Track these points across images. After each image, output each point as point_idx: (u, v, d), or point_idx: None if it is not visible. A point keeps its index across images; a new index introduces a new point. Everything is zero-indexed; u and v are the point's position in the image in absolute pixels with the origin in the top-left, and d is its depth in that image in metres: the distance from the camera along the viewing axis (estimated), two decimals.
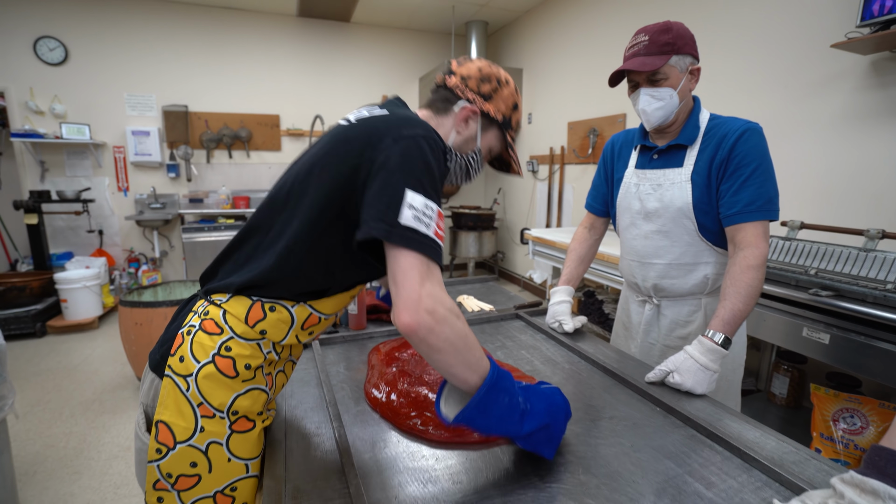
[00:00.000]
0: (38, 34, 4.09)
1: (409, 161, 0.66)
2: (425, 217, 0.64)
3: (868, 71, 1.91)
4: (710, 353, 0.96)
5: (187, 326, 0.74)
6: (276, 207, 0.76)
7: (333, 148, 0.73)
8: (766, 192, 1.04)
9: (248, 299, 0.74)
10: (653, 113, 1.11)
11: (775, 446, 0.78)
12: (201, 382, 0.70)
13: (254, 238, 0.77)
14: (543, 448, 0.72)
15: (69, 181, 4.37)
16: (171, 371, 0.71)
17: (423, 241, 0.63)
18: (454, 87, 0.84)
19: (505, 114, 0.87)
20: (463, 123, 0.85)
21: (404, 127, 0.69)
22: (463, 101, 0.83)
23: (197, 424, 0.70)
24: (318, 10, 4.69)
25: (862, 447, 1.61)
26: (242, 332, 0.73)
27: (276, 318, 0.75)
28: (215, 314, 0.73)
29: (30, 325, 3.51)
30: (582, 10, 3.79)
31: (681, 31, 1.05)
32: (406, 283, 0.61)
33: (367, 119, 0.75)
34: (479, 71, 0.85)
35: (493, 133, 0.88)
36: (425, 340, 0.60)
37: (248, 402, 0.74)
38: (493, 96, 0.85)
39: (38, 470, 2.03)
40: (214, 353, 0.71)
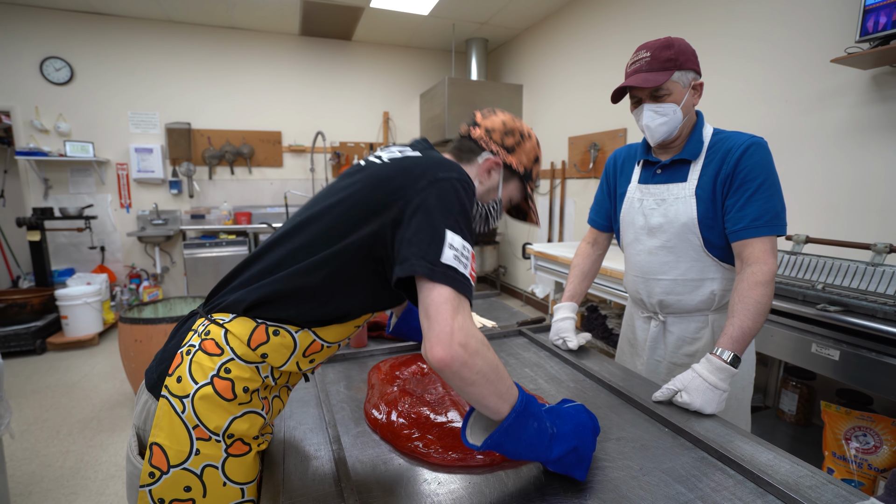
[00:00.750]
0: (45, 55, 4.16)
1: (447, 202, 0.68)
2: (463, 258, 0.66)
3: (869, 85, 1.92)
4: (719, 372, 0.94)
5: (187, 346, 0.72)
6: (300, 232, 0.76)
7: (368, 186, 0.74)
8: (772, 206, 1.03)
9: (252, 321, 0.73)
10: (657, 129, 1.10)
11: (790, 469, 0.76)
12: (198, 404, 0.68)
13: (269, 258, 0.76)
14: (575, 470, 0.71)
15: (72, 198, 4.39)
16: (168, 392, 0.69)
17: (460, 280, 0.65)
18: (479, 139, 0.88)
19: (527, 166, 0.91)
20: (486, 174, 0.88)
21: (440, 169, 0.72)
22: (487, 153, 0.87)
23: (192, 447, 0.68)
24: (320, 29, 4.77)
25: (876, 467, 1.56)
26: (243, 354, 0.71)
27: (278, 343, 0.73)
28: (216, 334, 0.72)
29: (30, 341, 3.49)
30: (581, 26, 3.84)
31: (682, 47, 1.06)
32: (439, 317, 0.61)
33: (401, 160, 0.77)
34: (503, 124, 0.89)
35: (514, 184, 0.92)
36: (458, 374, 0.61)
37: (245, 426, 0.72)
38: (516, 149, 0.89)
39: (34, 490, 2.00)
40: (213, 375, 0.70)
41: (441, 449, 0.80)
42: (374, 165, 0.78)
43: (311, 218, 0.77)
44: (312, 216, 0.77)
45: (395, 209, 0.69)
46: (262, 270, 0.75)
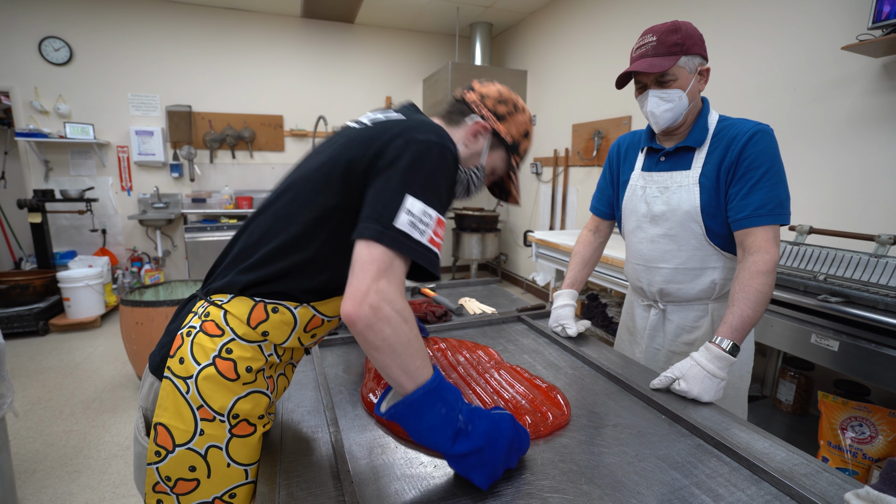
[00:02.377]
0: (44, 34, 4.11)
1: (415, 165, 0.66)
2: (421, 224, 0.64)
3: (880, 74, 1.89)
4: (718, 361, 0.94)
5: (187, 328, 0.73)
6: (284, 205, 0.75)
7: (345, 147, 0.73)
8: (776, 195, 1.01)
9: (250, 300, 0.72)
10: (661, 115, 1.09)
11: (785, 457, 0.76)
12: (201, 384, 0.69)
13: (257, 235, 0.76)
14: (474, 473, 0.66)
15: (73, 180, 4.38)
16: (171, 373, 0.70)
17: (411, 246, 0.63)
18: (471, 103, 0.88)
19: (515, 138, 0.89)
20: (472, 137, 0.87)
21: (418, 131, 0.70)
22: (476, 116, 0.86)
23: (196, 427, 0.69)
24: (323, 11, 4.69)
25: (870, 457, 1.58)
26: (244, 334, 0.72)
27: (278, 320, 0.73)
28: (216, 315, 0.72)
29: (32, 323, 3.51)
30: (587, 11, 3.77)
31: (689, 31, 1.03)
32: (360, 275, 0.61)
33: (383, 122, 0.76)
34: (498, 93, 0.88)
35: (500, 154, 0.90)
36: (362, 334, 0.60)
37: (250, 406, 0.72)
38: (507, 119, 0.87)
39: (38, 468, 2.03)
40: (215, 356, 0.70)
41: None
42: (355, 129, 0.77)
43: (293, 183, 0.76)
44: (294, 181, 0.76)
45: (370, 167, 0.69)
46: (250, 245, 0.75)
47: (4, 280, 3.53)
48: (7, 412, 1.49)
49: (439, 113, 0.90)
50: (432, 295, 1.66)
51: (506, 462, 0.68)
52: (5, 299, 3.49)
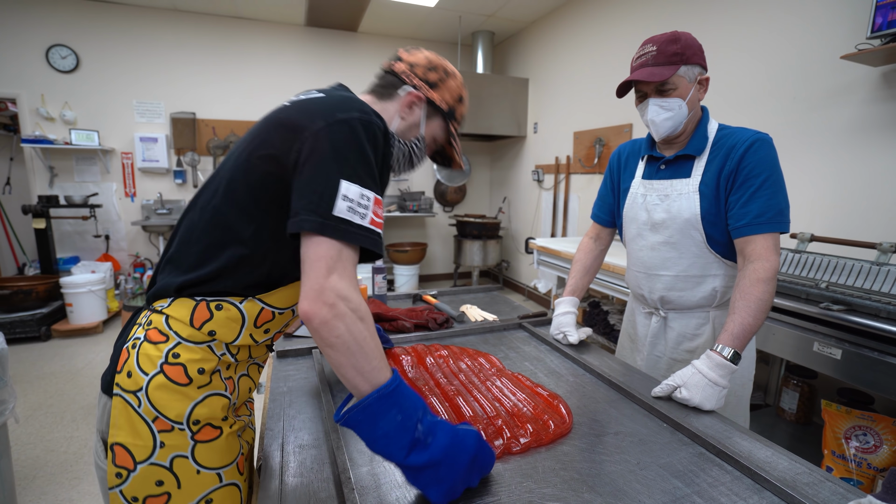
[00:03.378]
0: (51, 42, 4.16)
1: (343, 148, 0.64)
2: (361, 207, 0.63)
3: (879, 82, 1.90)
4: (719, 369, 0.94)
5: (132, 340, 0.70)
6: (210, 199, 0.73)
7: (265, 132, 0.70)
8: (776, 203, 1.02)
9: (190, 300, 0.70)
10: (662, 123, 1.10)
11: (787, 466, 0.76)
12: (153, 395, 0.66)
13: (189, 234, 0.74)
14: (429, 489, 0.62)
15: (77, 186, 4.41)
16: (120, 389, 0.67)
17: (354, 233, 0.62)
18: (401, 73, 0.85)
19: (450, 104, 0.87)
20: (407, 109, 0.85)
21: (339, 110, 0.67)
22: (409, 87, 0.84)
23: (155, 441, 0.66)
24: (326, 20, 4.74)
25: (875, 466, 1.56)
26: (189, 336, 0.69)
27: (224, 317, 0.71)
28: (158, 322, 0.70)
29: (35, 328, 3.52)
30: (588, 20, 3.80)
31: (689, 41, 1.04)
32: (312, 273, 0.60)
33: (301, 101, 0.72)
34: (427, 60, 0.87)
35: (438, 122, 0.89)
36: (318, 332, 0.59)
37: (208, 410, 0.69)
38: (440, 85, 0.86)
39: (38, 475, 2.02)
40: (162, 362, 0.67)
41: None
42: (273, 111, 0.74)
43: (214, 176, 0.74)
44: (215, 174, 0.75)
45: (294, 154, 0.65)
46: (181, 245, 0.73)
47: (8, 285, 3.55)
48: (8, 418, 1.49)
49: (369, 89, 0.88)
50: (434, 302, 1.66)
51: (465, 480, 0.64)
52: (8, 304, 3.50)
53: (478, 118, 4.57)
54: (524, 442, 0.81)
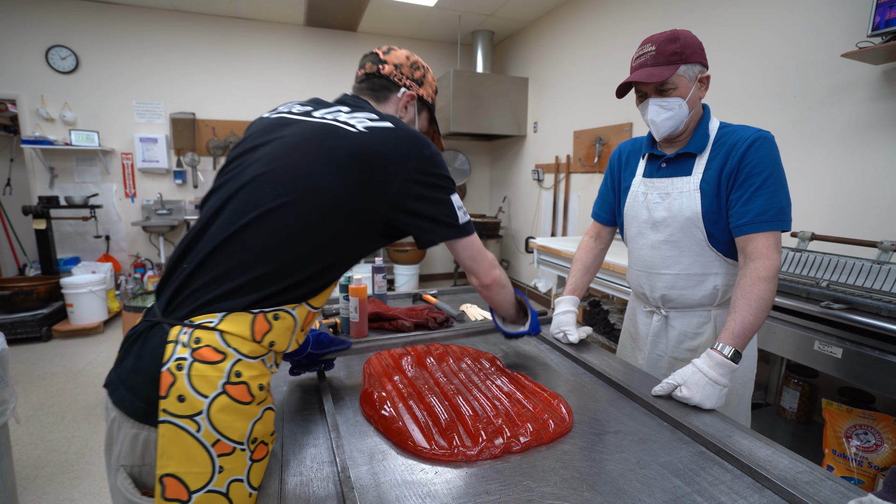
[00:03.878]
0: (51, 43, 4.16)
1: (438, 173, 0.81)
2: (463, 208, 0.85)
3: (880, 81, 1.89)
4: (720, 367, 0.94)
5: (174, 361, 0.63)
6: (284, 222, 0.71)
7: (347, 163, 0.74)
8: (777, 201, 1.02)
9: (247, 314, 0.68)
10: (662, 123, 1.09)
11: (788, 465, 0.75)
12: (216, 417, 0.62)
13: (254, 253, 0.70)
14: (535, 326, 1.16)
15: (78, 187, 4.41)
16: (170, 415, 0.61)
17: (473, 226, 0.87)
18: (390, 76, 0.94)
19: (432, 97, 1.02)
20: (404, 109, 0.97)
21: (417, 143, 0.80)
22: (403, 88, 0.95)
23: (214, 466, 0.62)
24: (326, 20, 4.74)
25: (876, 465, 1.56)
26: (251, 351, 0.67)
27: (282, 326, 0.71)
28: (211, 339, 0.65)
29: (36, 329, 3.52)
30: (588, 19, 3.80)
31: (689, 40, 1.04)
32: (482, 258, 0.92)
33: (377, 132, 0.78)
34: (406, 58, 0.96)
35: (425, 114, 1.02)
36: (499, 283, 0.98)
37: (264, 426, 0.68)
38: (423, 81, 0.98)
39: (39, 474, 2.02)
40: (224, 382, 0.64)
41: (430, 442, 0.80)
42: (347, 133, 0.76)
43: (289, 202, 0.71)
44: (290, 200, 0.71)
45: (392, 188, 0.76)
46: (247, 262, 0.69)
47: (8, 286, 3.55)
48: (9, 418, 1.49)
49: (365, 92, 0.95)
50: (434, 301, 1.66)
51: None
52: (9, 305, 3.51)
53: (478, 118, 4.56)
54: (524, 441, 0.81)
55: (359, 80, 0.96)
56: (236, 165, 0.79)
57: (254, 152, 0.78)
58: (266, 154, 0.76)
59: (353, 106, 0.86)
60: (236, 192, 0.74)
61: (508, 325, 1.17)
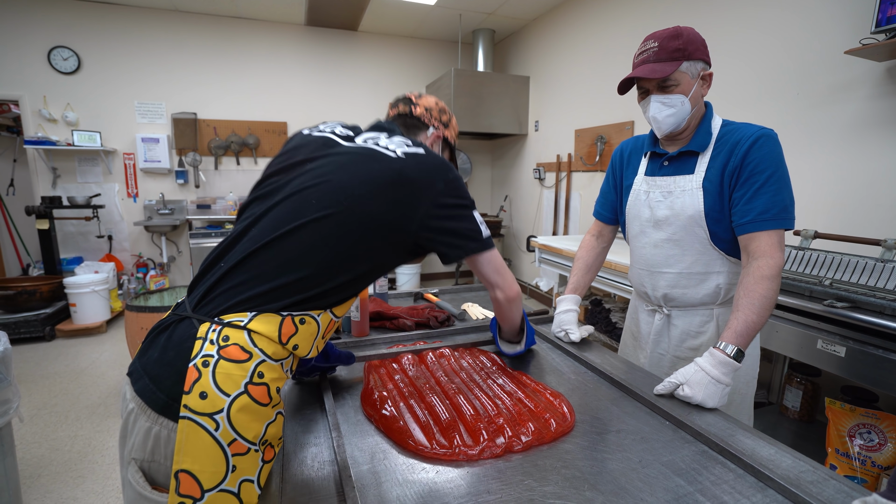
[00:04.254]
0: (53, 44, 4.17)
1: (461, 194, 0.86)
2: (484, 223, 0.89)
3: (883, 78, 1.88)
4: (722, 366, 0.93)
5: (201, 357, 0.65)
6: (321, 234, 0.74)
7: (386, 178, 0.78)
8: (781, 200, 1.01)
9: (276, 315, 0.70)
10: (664, 120, 1.09)
11: (791, 464, 0.75)
12: (236, 417, 0.63)
13: (291, 257, 0.73)
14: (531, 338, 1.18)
15: (80, 187, 4.42)
16: (191, 412, 0.62)
17: (492, 240, 0.90)
18: (421, 116, 1.04)
19: (454, 139, 1.11)
20: (430, 146, 1.04)
21: (447, 170, 0.85)
22: (432, 128, 1.04)
23: (228, 466, 0.63)
24: (326, 19, 4.74)
25: (880, 464, 1.55)
26: (274, 353, 0.69)
27: (306, 331, 0.73)
28: (239, 338, 0.67)
29: (39, 328, 3.53)
30: (589, 17, 3.79)
31: (691, 37, 1.03)
32: (505, 272, 0.94)
33: (415, 159, 0.83)
34: (436, 104, 1.07)
35: (447, 153, 1.10)
36: (515, 303, 1.01)
37: (275, 429, 0.69)
38: (449, 125, 1.08)
39: (43, 473, 2.03)
40: (247, 382, 0.65)
41: (431, 441, 0.80)
42: (387, 157, 0.81)
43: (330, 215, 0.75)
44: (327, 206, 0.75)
45: (421, 208, 0.80)
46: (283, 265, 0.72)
47: (12, 286, 3.56)
48: (13, 417, 1.49)
49: (396, 128, 0.99)
50: (435, 300, 1.66)
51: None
52: (12, 305, 3.52)
53: (479, 116, 4.56)
54: (526, 440, 0.81)
55: (391, 117, 1.05)
56: (282, 177, 0.82)
57: (300, 166, 0.82)
58: (313, 169, 0.81)
59: (389, 131, 0.92)
60: (281, 201, 0.78)
61: (507, 345, 1.20)
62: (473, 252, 0.86)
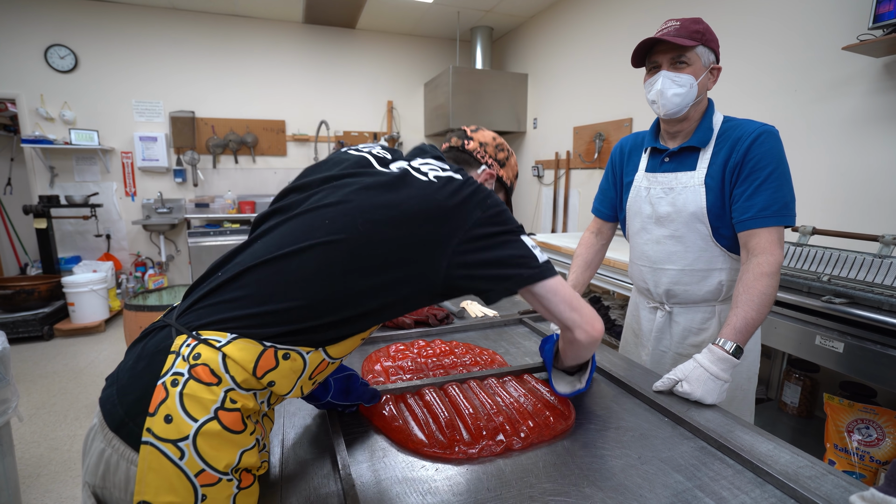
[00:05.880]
0: (49, 42, 4.15)
1: (503, 218, 0.74)
2: (538, 248, 0.74)
3: (881, 73, 1.88)
4: (721, 363, 0.93)
5: (170, 375, 0.58)
6: (327, 261, 0.66)
7: (413, 205, 0.69)
8: (781, 196, 1.01)
9: (258, 344, 0.61)
10: (670, 98, 1.07)
11: (790, 460, 0.75)
12: (202, 444, 0.56)
13: (284, 283, 0.65)
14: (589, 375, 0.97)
15: (78, 186, 4.41)
16: (154, 437, 0.55)
17: (552, 267, 0.75)
18: (473, 152, 0.94)
19: (512, 180, 1.00)
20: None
21: (486, 195, 0.74)
22: (484, 166, 0.94)
23: (196, 497, 0.56)
24: (324, 17, 4.72)
25: (878, 459, 1.56)
26: (244, 381, 0.61)
27: (288, 368, 0.64)
28: (211, 359, 0.59)
29: (37, 328, 3.53)
30: (587, 14, 3.78)
31: (709, 28, 1.06)
32: (580, 305, 0.76)
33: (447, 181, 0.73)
34: (493, 139, 0.97)
35: (501, 195, 0.99)
36: (596, 343, 0.79)
37: (253, 458, 0.62)
38: (506, 164, 0.97)
39: (42, 472, 2.03)
40: (217, 407, 0.58)
41: (430, 439, 0.80)
42: (418, 182, 0.72)
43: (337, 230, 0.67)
44: (341, 229, 0.67)
45: (455, 239, 0.69)
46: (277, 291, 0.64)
47: (10, 285, 3.55)
48: (12, 416, 1.49)
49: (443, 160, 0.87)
50: None
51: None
52: (11, 304, 3.51)
53: (477, 114, 4.55)
54: (525, 438, 0.81)
55: (443, 150, 0.96)
56: (304, 193, 0.75)
57: (325, 183, 0.74)
58: (338, 188, 0.72)
59: (429, 153, 0.83)
60: (293, 217, 0.70)
61: (564, 381, 0.97)
62: (528, 282, 0.71)
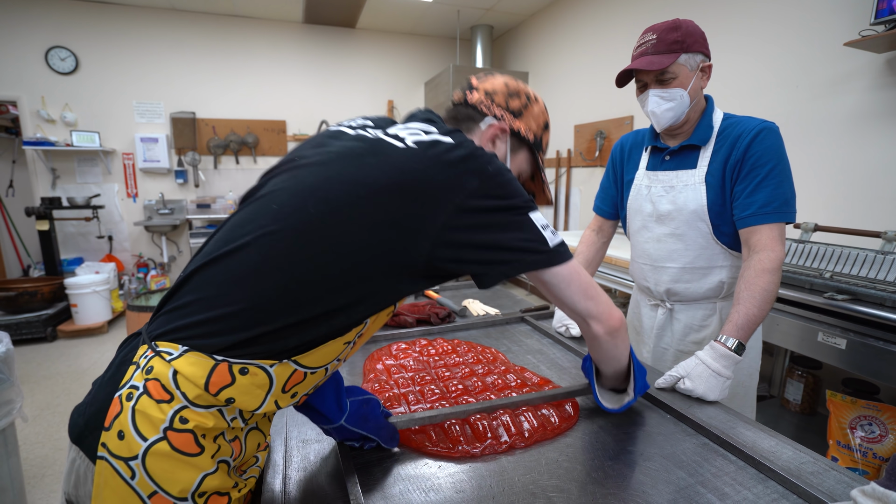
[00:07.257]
0: (50, 44, 4.16)
1: (506, 191, 0.61)
2: (550, 227, 0.64)
3: (883, 69, 1.87)
4: (723, 359, 0.93)
5: (127, 388, 0.54)
6: (253, 234, 0.57)
7: (383, 178, 0.58)
8: (782, 193, 1.01)
9: (209, 358, 0.54)
10: (663, 114, 1.08)
11: (792, 456, 0.75)
12: (151, 465, 0.51)
13: (218, 269, 0.57)
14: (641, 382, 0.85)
15: (79, 188, 4.42)
16: (108, 452, 0.52)
17: (567, 250, 0.65)
18: (478, 104, 0.76)
19: (536, 133, 0.79)
20: (490, 144, 0.76)
21: (485, 162, 0.61)
22: (490, 118, 0.75)
23: None
24: (324, 17, 4.72)
25: (881, 456, 1.56)
26: (197, 398, 0.54)
27: (248, 383, 0.55)
28: (161, 372, 0.53)
29: (41, 329, 3.54)
30: (588, 12, 3.78)
31: (690, 29, 1.03)
32: (596, 294, 0.68)
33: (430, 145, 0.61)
34: (505, 86, 0.77)
35: (524, 155, 0.80)
36: (623, 331, 0.74)
37: (220, 481, 0.55)
38: (524, 113, 0.77)
39: (47, 473, 2.04)
40: (166, 427, 0.52)
41: (433, 437, 0.80)
42: (391, 149, 0.61)
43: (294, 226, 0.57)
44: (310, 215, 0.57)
45: (440, 217, 0.58)
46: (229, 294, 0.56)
47: (13, 287, 3.56)
48: (16, 417, 1.50)
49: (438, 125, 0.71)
50: (436, 297, 1.66)
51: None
52: (14, 306, 3.52)
53: None
54: (528, 435, 0.81)
55: (447, 111, 0.80)
56: (272, 176, 0.66)
57: (289, 163, 0.65)
58: (299, 168, 0.63)
59: (417, 117, 0.70)
60: (249, 204, 0.62)
61: (611, 396, 0.87)
62: (535, 267, 0.61)
